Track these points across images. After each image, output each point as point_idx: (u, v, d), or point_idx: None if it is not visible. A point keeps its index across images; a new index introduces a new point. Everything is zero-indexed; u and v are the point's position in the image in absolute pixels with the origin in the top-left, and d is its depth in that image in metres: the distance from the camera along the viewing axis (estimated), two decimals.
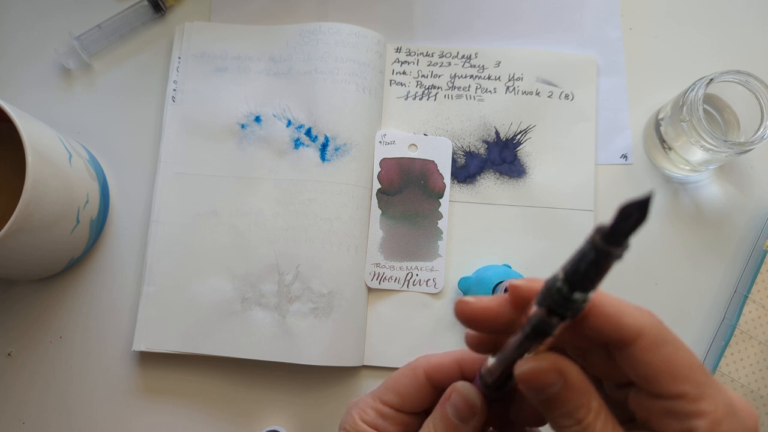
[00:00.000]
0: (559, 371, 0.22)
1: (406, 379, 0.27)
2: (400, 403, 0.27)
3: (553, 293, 0.20)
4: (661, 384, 0.21)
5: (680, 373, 0.21)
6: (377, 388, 0.28)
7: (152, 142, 0.51)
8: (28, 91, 0.52)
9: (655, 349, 0.21)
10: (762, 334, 0.46)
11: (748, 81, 0.44)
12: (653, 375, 0.21)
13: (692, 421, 0.21)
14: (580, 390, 0.22)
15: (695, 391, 0.21)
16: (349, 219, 0.48)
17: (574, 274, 0.19)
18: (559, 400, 0.22)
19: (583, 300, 0.20)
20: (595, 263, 0.18)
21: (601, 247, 0.18)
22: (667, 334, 0.21)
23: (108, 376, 0.47)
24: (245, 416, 0.47)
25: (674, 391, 0.21)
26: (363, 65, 0.50)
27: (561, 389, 0.22)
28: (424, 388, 0.27)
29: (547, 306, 0.20)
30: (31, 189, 0.38)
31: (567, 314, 0.20)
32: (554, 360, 0.22)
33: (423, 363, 0.27)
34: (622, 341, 0.21)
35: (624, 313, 0.21)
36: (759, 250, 0.48)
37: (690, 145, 0.45)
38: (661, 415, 0.21)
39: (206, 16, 0.53)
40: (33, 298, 0.48)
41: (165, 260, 0.48)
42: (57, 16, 0.53)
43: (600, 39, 0.53)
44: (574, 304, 0.20)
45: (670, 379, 0.21)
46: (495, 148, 0.51)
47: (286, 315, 0.46)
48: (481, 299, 0.24)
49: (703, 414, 0.21)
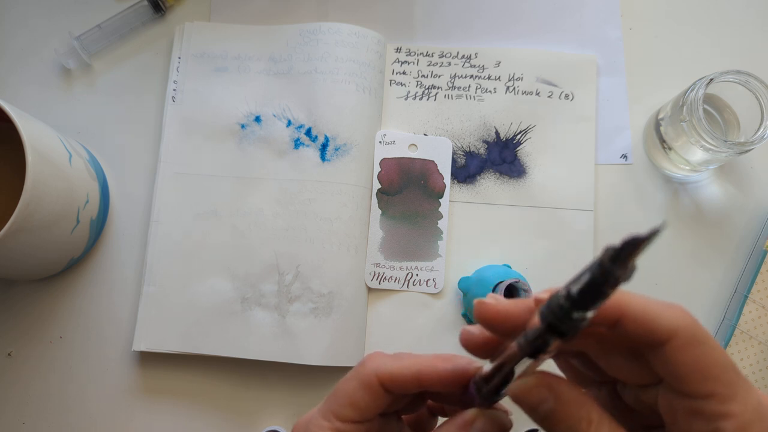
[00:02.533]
0: (547, 386, 0.22)
1: (361, 392, 0.25)
2: (359, 416, 0.25)
3: (554, 309, 0.20)
4: (691, 384, 0.21)
5: (712, 374, 0.21)
6: (325, 403, 0.26)
7: (152, 142, 0.51)
8: (28, 91, 0.52)
9: (688, 349, 0.21)
10: (762, 334, 0.46)
11: (748, 81, 0.44)
12: (685, 375, 0.21)
13: (719, 423, 0.20)
14: (576, 403, 0.22)
15: (726, 392, 0.21)
16: (349, 219, 0.48)
17: (579, 293, 0.19)
18: (557, 416, 0.22)
19: (581, 319, 0.20)
20: (599, 283, 0.18)
21: (608, 267, 0.18)
22: (701, 334, 0.21)
23: (108, 376, 0.47)
24: (245, 416, 0.47)
25: (704, 391, 0.21)
26: (363, 65, 0.50)
27: (555, 405, 0.22)
28: (380, 397, 0.25)
29: (548, 322, 0.20)
30: (31, 189, 0.38)
31: (565, 332, 0.20)
32: (542, 377, 0.22)
33: (374, 371, 0.25)
34: (656, 343, 0.21)
35: (656, 314, 0.21)
36: (759, 250, 0.48)
37: (690, 145, 0.45)
38: (688, 415, 0.21)
39: (206, 16, 0.53)
40: (33, 298, 0.48)
41: (165, 260, 0.48)
42: (57, 16, 0.53)
43: (600, 39, 0.53)
44: (573, 323, 0.20)
45: (702, 379, 0.21)
46: (495, 148, 0.51)
47: (286, 315, 0.46)
48: (499, 301, 0.23)
49: (730, 415, 0.20)
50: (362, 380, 0.25)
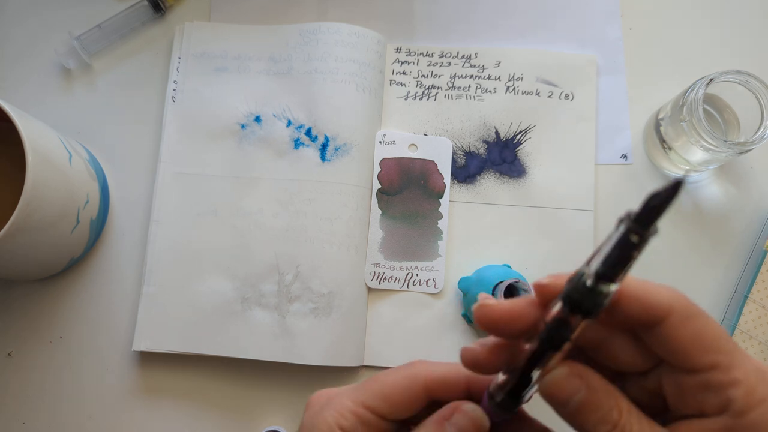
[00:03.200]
0: (579, 375, 0.22)
1: (401, 388, 0.24)
2: (387, 412, 0.24)
3: (579, 287, 0.20)
4: (694, 357, 0.21)
5: (711, 345, 0.21)
6: (357, 388, 0.24)
7: (152, 142, 0.51)
8: (28, 91, 0.52)
9: (686, 324, 0.21)
10: (762, 334, 0.46)
11: (748, 81, 0.44)
12: (686, 349, 0.21)
13: (728, 391, 0.21)
14: (606, 392, 0.22)
15: (728, 360, 0.21)
16: (349, 219, 0.48)
17: (603, 264, 0.19)
18: (588, 406, 0.22)
19: (607, 293, 0.20)
20: (624, 248, 0.19)
21: (632, 228, 0.18)
22: (694, 308, 0.21)
23: (108, 376, 0.47)
24: (245, 416, 0.47)
25: (707, 363, 0.21)
26: (363, 65, 0.50)
27: (586, 395, 0.22)
28: (418, 399, 0.24)
29: (571, 302, 0.20)
30: (31, 189, 0.38)
31: (592, 309, 0.20)
32: (572, 366, 0.22)
33: (424, 372, 0.24)
34: (654, 320, 0.21)
35: (652, 292, 0.21)
36: (759, 250, 0.48)
37: (690, 145, 0.45)
38: (697, 391, 0.21)
39: (206, 16, 0.53)
40: (33, 298, 0.48)
41: (165, 260, 0.48)
42: (57, 17, 0.53)
43: (600, 39, 0.53)
44: (600, 297, 0.20)
45: (703, 351, 0.21)
46: (495, 148, 0.51)
47: (286, 315, 0.46)
48: (501, 302, 0.23)
49: (737, 383, 0.21)
50: (408, 376, 0.24)
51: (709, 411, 0.21)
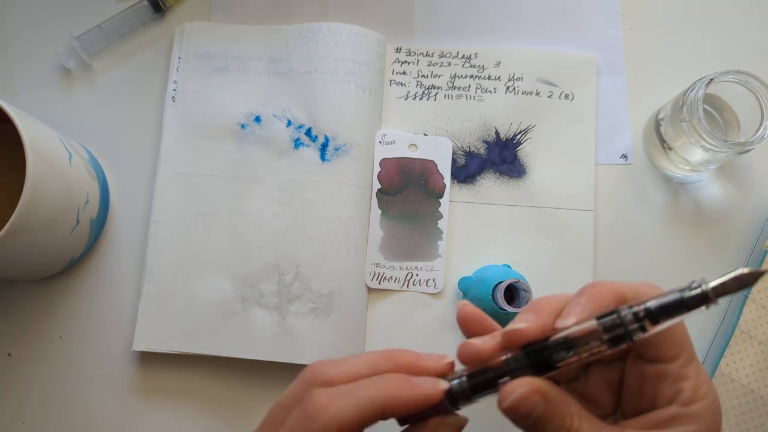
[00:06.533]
0: (539, 392, 0.23)
1: None
2: None
3: (626, 322, 0.24)
4: (662, 347, 0.25)
5: (677, 341, 0.25)
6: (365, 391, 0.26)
7: (152, 142, 0.51)
8: (28, 91, 0.52)
9: None
10: (762, 334, 0.46)
11: (748, 81, 0.44)
12: (660, 341, 0.25)
13: (680, 383, 0.25)
14: (561, 401, 0.24)
15: (686, 356, 0.25)
16: (349, 219, 0.48)
17: (659, 311, 0.24)
18: (546, 417, 0.24)
19: (640, 334, 0.24)
20: (688, 306, 0.23)
21: (711, 297, 0.23)
22: None
23: (108, 376, 0.47)
24: (245, 416, 0.47)
25: (671, 354, 0.25)
26: (363, 65, 0.50)
27: (545, 408, 0.24)
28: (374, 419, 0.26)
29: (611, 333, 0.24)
30: (31, 189, 0.38)
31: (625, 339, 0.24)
32: (531, 383, 0.24)
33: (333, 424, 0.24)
34: None
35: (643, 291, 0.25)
36: (759, 250, 0.48)
37: (690, 145, 0.45)
38: (655, 379, 0.25)
39: (206, 16, 0.53)
40: (33, 298, 0.48)
41: (165, 260, 0.48)
42: (57, 16, 0.53)
43: (600, 39, 0.53)
44: (633, 334, 0.24)
45: (670, 344, 0.25)
46: (495, 148, 0.51)
47: (286, 315, 0.46)
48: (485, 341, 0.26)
49: (689, 377, 0.25)
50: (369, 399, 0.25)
51: (661, 401, 0.25)
